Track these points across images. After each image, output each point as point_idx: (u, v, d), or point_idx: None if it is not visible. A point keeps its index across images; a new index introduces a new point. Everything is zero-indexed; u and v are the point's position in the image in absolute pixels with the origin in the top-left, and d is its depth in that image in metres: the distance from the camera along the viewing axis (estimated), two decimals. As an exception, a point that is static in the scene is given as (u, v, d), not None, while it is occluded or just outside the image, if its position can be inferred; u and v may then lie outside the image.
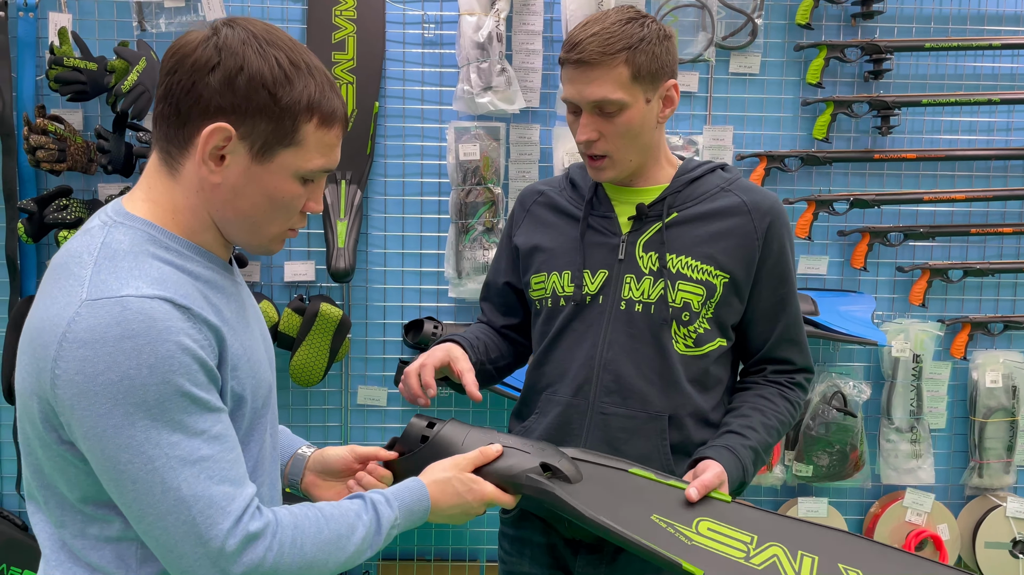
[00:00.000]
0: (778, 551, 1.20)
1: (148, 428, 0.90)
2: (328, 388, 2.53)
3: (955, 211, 2.53)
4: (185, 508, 0.92)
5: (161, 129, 0.99)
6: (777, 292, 1.43)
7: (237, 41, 0.96)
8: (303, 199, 1.04)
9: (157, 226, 0.99)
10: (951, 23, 2.48)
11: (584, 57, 1.33)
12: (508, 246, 1.58)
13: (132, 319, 0.90)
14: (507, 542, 1.56)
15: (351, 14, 2.39)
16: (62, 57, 2.17)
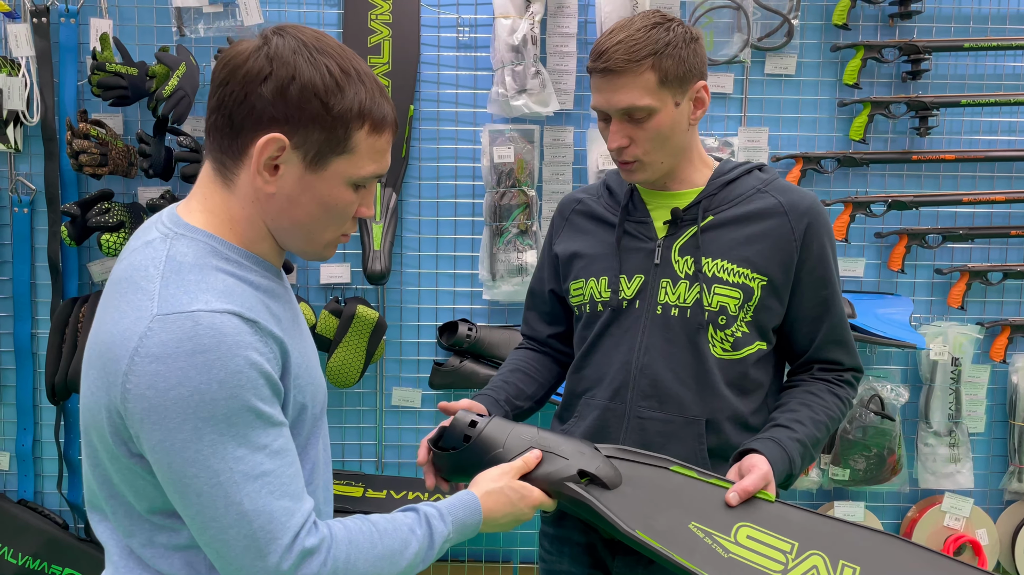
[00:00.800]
0: (818, 562, 1.18)
1: (215, 443, 0.91)
2: (363, 389, 2.54)
3: (995, 212, 2.50)
4: (247, 522, 0.92)
5: (215, 140, 1.00)
6: (819, 294, 1.42)
7: (288, 50, 0.96)
8: (355, 205, 1.04)
9: (217, 237, 1.00)
10: (990, 23, 2.45)
11: (610, 66, 1.34)
12: (549, 254, 1.59)
13: (203, 334, 0.91)
14: (547, 541, 1.57)
15: (387, 18, 2.40)
16: (104, 62, 2.21)
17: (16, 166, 2.44)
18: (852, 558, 1.18)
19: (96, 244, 2.38)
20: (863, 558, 1.18)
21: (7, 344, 2.49)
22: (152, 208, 2.26)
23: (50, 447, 2.50)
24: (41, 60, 2.35)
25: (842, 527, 1.23)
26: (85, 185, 2.46)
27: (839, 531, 1.23)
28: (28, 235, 2.44)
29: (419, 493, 2.46)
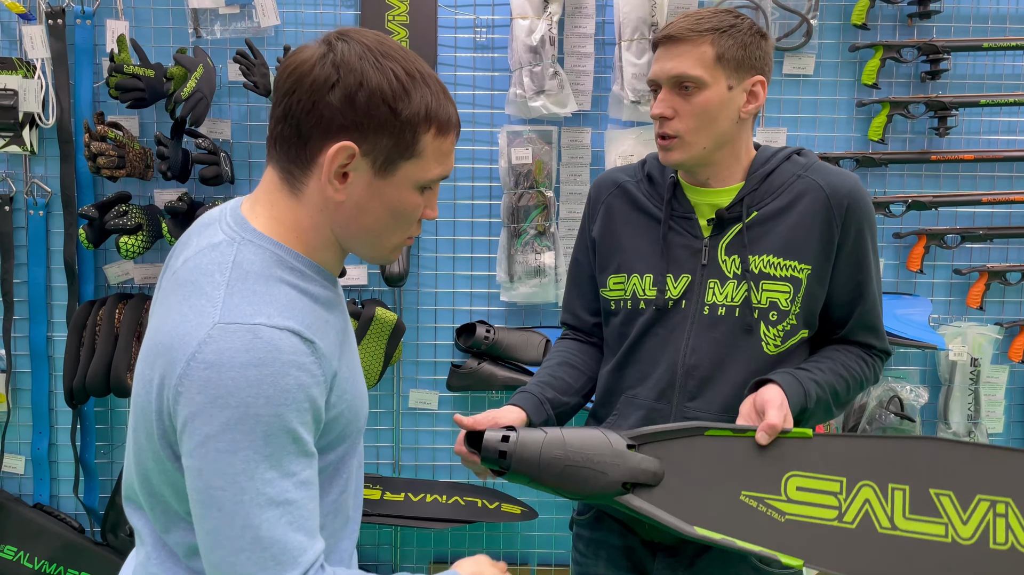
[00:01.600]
0: (869, 494, 1.19)
1: (249, 459, 0.90)
2: (379, 392, 2.53)
3: (1014, 212, 2.49)
4: (260, 549, 0.91)
5: (282, 149, 0.99)
6: (855, 278, 1.40)
7: (354, 56, 0.94)
8: (421, 208, 1.03)
9: (283, 246, 1.00)
10: (1009, 22, 2.44)
11: (671, 31, 1.35)
12: (588, 238, 1.55)
13: (261, 348, 0.90)
14: (582, 543, 1.56)
15: (404, 19, 2.40)
16: (122, 64, 2.19)
17: (31, 168, 2.43)
18: (900, 477, 1.19)
19: (112, 247, 2.38)
20: (911, 475, 1.19)
21: (23, 347, 2.47)
22: (170, 210, 2.25)
23: (66, 451, 2.49)
24: (57, 62, 2.34)
25: (882, 444, 1.23)
26: (101, 187, 2.45)
27: (884, 450, 1.22)
28: (44, 238, 2.43)
29: (437, 496, 2.46)
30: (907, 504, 1.18)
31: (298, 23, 2.42)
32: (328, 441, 1.02)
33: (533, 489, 1.28)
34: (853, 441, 1.24)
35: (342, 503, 1.10)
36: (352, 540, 1.15)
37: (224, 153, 2.31)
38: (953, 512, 1.18)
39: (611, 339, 1.51)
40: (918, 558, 1.17)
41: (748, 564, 1.42)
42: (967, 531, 1.17)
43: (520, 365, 2.44)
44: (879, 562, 1.17)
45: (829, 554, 1.17)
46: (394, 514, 2.41)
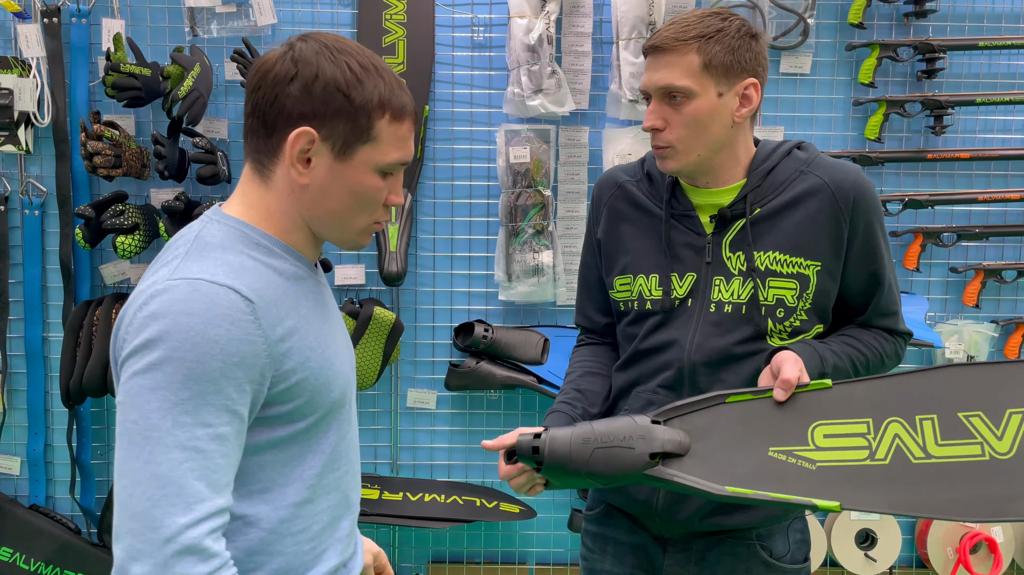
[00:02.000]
0: (897, 428, 1.18)
1: (165, 399, 0.94)
2: (377, 391, 2.53)
3: (1009, 211, 2.50)
4: (157, 486, 0.93)
5: (252, 142, 1.08)
6: (868, 268, 1.39)
7: (311, 52, 1.04)
8: (384, 192, 1.10)
9: (251, 225, 1.08)
10: (1004, 21, 2.45)
11: (657, 42, 1.33)
12: (594, 239, 1.54)
13: (197, 299, 0.96)
14: (590, 539, 1.56)
15: (401, 18, 2.39)
16: (118, 63, 2.18)
17: (27, 168, 2.42)
18: (926, 408, 1.18)
19: (109, 246, 2.37)
20: (936, 404, 1.18)
21: (18, 348, 2.46)
22: (167, 210, 2.24)
23: (62, 452, 2.48)
24: (52, 61, 2.33)
25: (902, 380, 1.22)
26: (96, 187, 2.43)
27: (907, 384, 1.21)
28: (39, 237, 2.42)
29: (435, 495, 2.45)
30: (937, 432, 1.17)
31: (295, 22, 2.42)
32: (293, 408, 1.05)
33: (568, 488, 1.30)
34: (873, 383, 1.22)
35: (335, 482, 1.14)
36: (351, 520, 1.20)
37: (221, 152, 2.31)
38: (986, 430, 1.16)
39: (621, 338, 1.51)
40: (958, 480, 1.15)
41: (759, 559, 1.42)
42: (1004, 446, 1.15)
43: (519, 364, 2.44)
44: (918, 491, 1.15)
45: (866, 493, 1.16)
46: (392, 514, 2.41)
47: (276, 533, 1.07)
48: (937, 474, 1.16)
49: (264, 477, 1.06)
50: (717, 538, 1.43)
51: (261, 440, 1.05)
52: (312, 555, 1.12)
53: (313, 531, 1.11)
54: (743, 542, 1.42)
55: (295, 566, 1.09)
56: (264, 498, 1.07)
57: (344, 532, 1.18)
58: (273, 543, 1.07)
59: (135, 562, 0.92)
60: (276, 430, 1.06)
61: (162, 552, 0.92)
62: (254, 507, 1.06)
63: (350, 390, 1.18)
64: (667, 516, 1.41)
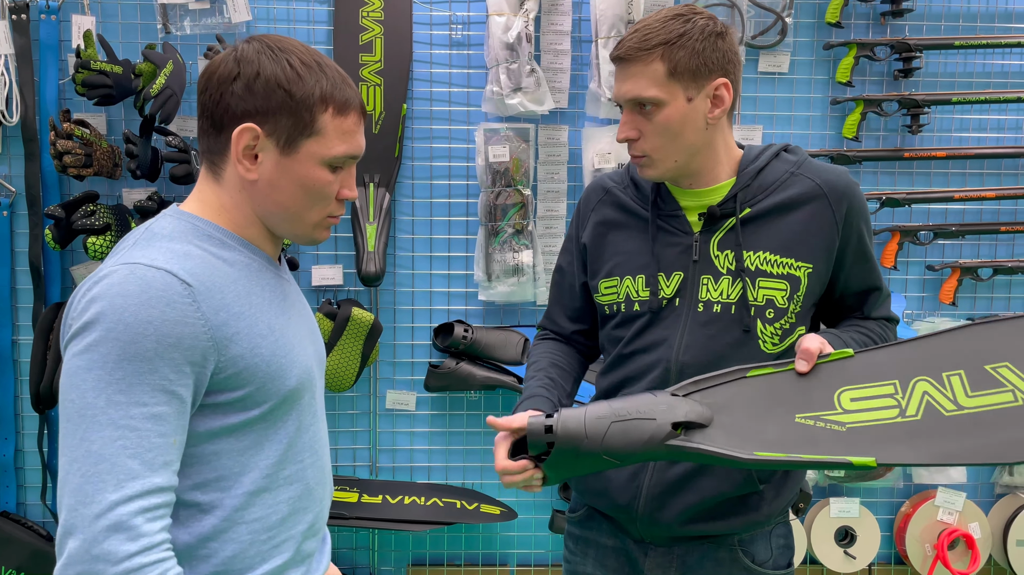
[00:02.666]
0: (926, 386, 1.17)
1: (100, 379, 0.96)
2: (356, 393, 2.50)
3: (984, 209, 2.52)
4: (91, 463, 0.94)
5: (203, 142, 1.12)
6: (862, 269, 1.39)
7: (252, 52, 1.08)
8: (335, 186, 1.13)
9: (203, 219, 1.11)
10: (979, 21, 2.47)
11: (621, 54, 1.31)
12: (577, 247, 1.52)
13: (132, 282, 0.99)
14: (572, 541, 1.54)
15: (378, 15, 2.36)
16: (88, 60, 2.14)
17: (-5, 167, 2.37)
18: (952, 365, 1.17)
19: (79, 247, 2.32)
20: (961, 360, 1.17)
21: (-13, 351, 2.41)
22: (139, 210, 2.20)
23: (32, 457, 2.43)
24: (21, 58, 2.28)
25: (926, 343, 1.20)
26: (67, 187, 2.39)
27: (929, 346, 1.20)
28: (8, 238, 2.37)
29: (415, 497, 2.43)
30: (967, 384, 1.15)
31: (270, 19, 2.38)
32: (244, 394, 1.06)
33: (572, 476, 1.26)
34: (895, 348, 1.21)
35: (297, 474, 1.15)
36: (315, 515, 1.19)
37: (195, 151, 2.27)
38: (1015, 378, 1.14)
39: (607, 342, 1.48)
40: (994, 427, 1.13)
41: (740, 564, 1.41)
42: None
43: (499, 364, 2.42)
44: (953, 442, 1.13)
45: (899, 448, 1.14)
46: (371, 516, 2.38)
47: (230, 521, 1.08)
48: (972, 424, 1.14)
49: (220, 465, 1.07)
50: (699, 543, 1.41)
51: (215, 427, 1.06)
52: (269, 545, 1.12)
53: (271, 521, 1.12)
54: (725, 547, 1.41)
55: (250, 554, 1.10)
56: (220, 486, 1.07)
57: (306, 525, 1.17)
58: (226, 530, 1.08)
59: (69, 536, 0.94)
60: (229, 417, 1.07)
61: (92, 528, 0.93)
62: (208, 494, 1.07)
63: (312, 383, 1.19)
64: (648, 520, 1.40)
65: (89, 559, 0.93)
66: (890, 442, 1.14)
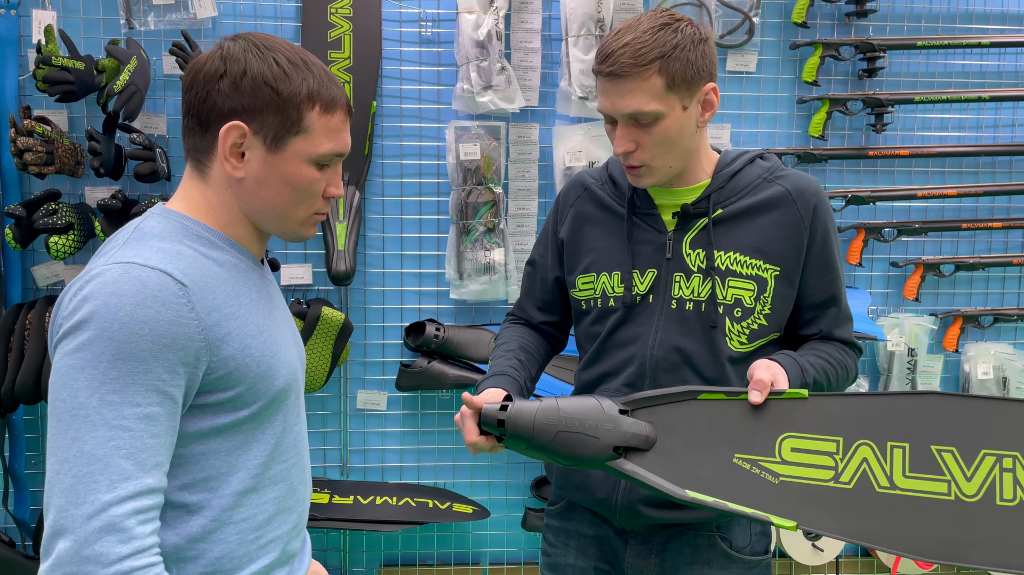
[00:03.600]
0: (867, 453, 1.15)
1: (93, 378, 0.95)
2: (326, 393, 2.48)
3: (946, 207, 2.57)
4: (83, 463, 0.94)
5: (189, 141, 1.12)
6: (824, 278, 1.41)
7: (239, 50, 1.08)
8: (321, 183, 1.13)
9: (191, 218, 1.10)
10: (941, 22, 2.52)
11: (616, 70, 1.30)
12: (554, 241, 1.54)
13: (127, 282, 0.98)
14: (552, 534, 1.55)
15: (347, 12, 2.35)
16: (50, 56, 2.09)
17: (-48, 165, 2.30)
18: (900, 435, 1.15)
19: (41, 247, 2.27)
20: (910, 433, 1.15)
21: (-56, 354, 2.34)
22: (103, 209, 2.16)
23: (-7, 462, 2.38)
24: (-22, 53, 2.22)
25: (881, 401, 1.18)
26: (28, 185, 2.33)
27: (882, 406, 1.17)
28: (-34, 238, 2.31)
29: (387, 498, 2.42)
30: (907, 462, 1.14)
31: (236, 15, 2.35)
32: (234, 395, 1.06)
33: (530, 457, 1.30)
34: (851, 399, 1.19)
35: (282, 473, 1.15)
36: (298, 514, 1.21)
37: (160, 149, 2.23)
38: (956, 468, 1.12)
39: (583, 338, 1.50)
40: (920, 517, 1.11)
41: (719, 550, 1.43)
42: (971, 488, 1.12)
43: (471, 363, 2.41)
44: (877, 522, 1.12)
45: (824, 515, 1.13)
46: (343, 517, 2.37)
47: (219, 521, 1.08)
48: (899, 507, 1.13)
49: (208, 465, 1.07)
50: (678, 530, 1.43)
51: (204, 427, 1.05)
52: (256, 545, 1.12)
53: (258, 521, 1.12)
54: (703, 534, 1.43)
55: (238, 555, 1.10)
56: (208, 486, 1.07)
57: (290, 525, 1.18)
58: (215, 531, 1.08)
59: (59, 537, 0.93)
60: (219, 417, 1.06)
61: (84, 528, 0.93)
62: (197, 495, 1.06)
63: (297, 383, 1.20)
64: (628, 510, 1.42)
65: (79, 560, 0.92)
66: (817, 506, 1.14)
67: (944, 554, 1.11)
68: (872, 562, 2.65)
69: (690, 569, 1.43)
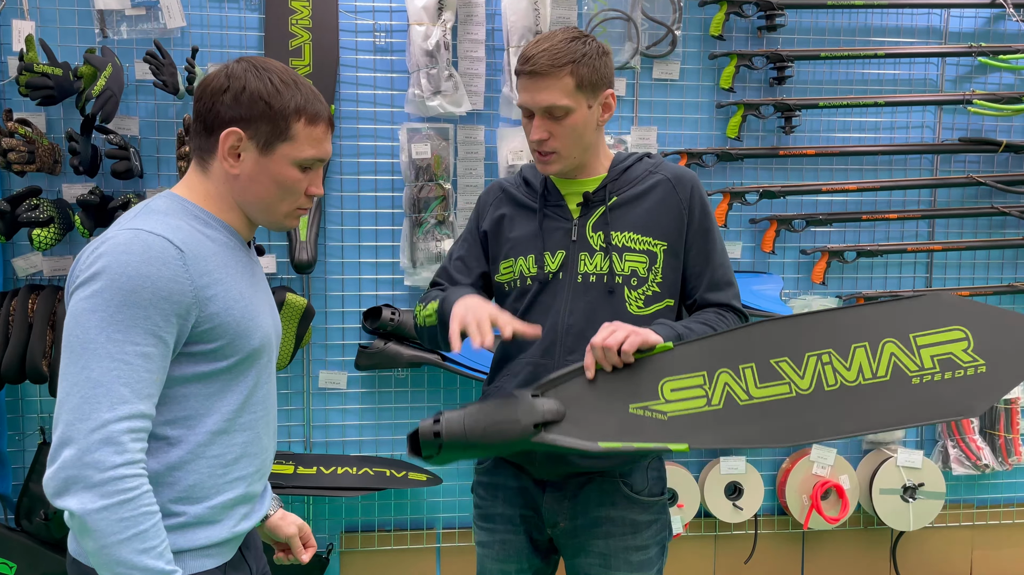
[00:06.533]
0: (727, 377, 1.46)
1: (103, 319, 1.16)
2: (289, 373, 2.69)
3: (848, 200, 2.88)
4: (90, 386, 1.14)
5: (195, 141, 1.34)
6: (703, 247, 1.68)
7: (240, 70, 1.30)
8: (304, 183, 1.34)
9: (192, 202, 1.33)
10: (843, 35, 2.82)
11: (536, 69, 1.58)
12: (476, 235, 1.79)
13: (134, 242, 1.19)
14: (482, 488, 1.79)
15: (306, 23, 2.55)
16: (31, 63, 2.27)
17: (-66, 164, 2.45)
18: (745, 358, 1.46)
19: (20, 240, 2.44)
20: (752, 353, 1.46)
21: (-72, 341, 2.49)
22: (82, 204, 2.34)
23: (-24, 441, 2.53)
24: (-40, 59, 2.38)
25: (727, 336, 1.49)
26: (7, 183, 2.50)
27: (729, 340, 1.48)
28: (-51, 232, 2.46)
29: (348, 468, 2.63)
30: (756, 376, 1.45)
31: (204, 25, 2.54)
32: (216, 347, 1.26)
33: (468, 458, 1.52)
34: (704, 341, 1.50)
35: (251, 422, 1.34)
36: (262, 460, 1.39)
37: (133, 148, 2.42)
38: (791, 371, 1.44)
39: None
40: (775, 415, 1.43)
41: (622, 493, 1.68)
42: (805, 383, 1.43)
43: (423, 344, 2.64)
44: (747, 428, 1.43)
45: (706, 434, 1.43)
46: (307, 486, 2.57)
47: (193, 454, 1.27)
48: (759, 412, 1.44)
49: (188, 406, 1.26)
50: (587, 478, 1.69)
51: (188, 373, 1.25)
52: (224, 480, 1.30)
53: (226, 459, 1.31)
54: (608, 479, 1.68)
55: (207, 486, 1.28)
56: (187, 423, 1.26)
57: (254, 468, 1.36)
58: (190, 462, 1.26)
59: (65, 446, 1.13)
60: (201, 365, 1.26)
61: (87, 439, 1.13)
62: (177, 430, 1.26)
63: (271, 347, 1.39)
64: (546, 462, 1.67)
65: (80, 465, 1.13)
66: (701, 429, 1.44)
67: (795, 438, 1.42)
68: (787, 518, 2.95)
69: (598, 510, 1.68)
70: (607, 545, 1.68)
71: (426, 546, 2.79)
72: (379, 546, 2.77)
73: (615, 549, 1.67)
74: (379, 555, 2.78)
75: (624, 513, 1.68)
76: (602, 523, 1.68)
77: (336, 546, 2.75)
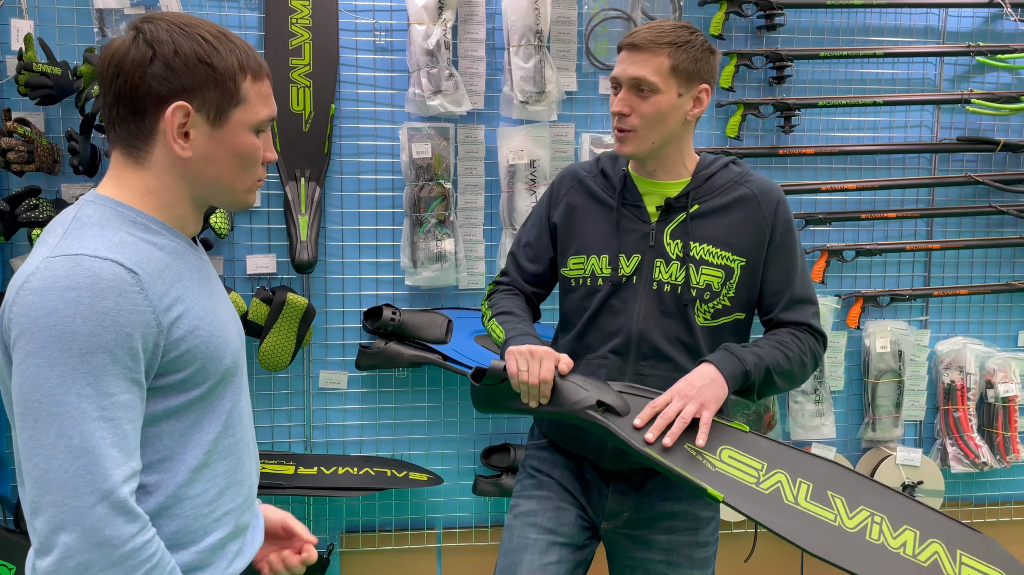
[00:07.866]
0: (781, 478, 1.50)
1: (65, 375, 0.96)
2: (290, 373, 2.68)
3: (848, 199, 2.88)
4: (73, 457, 0.96)
5: (121, 130, 1.10)
6: (783, 266, 1.67)
7: (162, 31, 1.07)
8: (261, 150, 1.17)
9: (127, 205, 1.11)
10: (842, 34, 2.83)
11: (635, 42, 1.59)
12: (547, 224, 1.77)
13: (81, 274, 0.98)
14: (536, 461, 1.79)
15: (307, 22, 2.55)
16: (30, 63, 2.26)
17: (-68, 164, 2.44)
18: (807, 477, 1.51)
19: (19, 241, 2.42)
20: (815, 478, 1.52)
21: (-74, 342, 2.47)
22: (82, 204, 2.33)
23: (-26, 443, 2.52)
24: (-42, 59, 2.37)
25: (800, 455, 1.55)
26: (5, 182, 2.48)
27: (798, 457, 1.55)
28: (-53, 232, 2.45)
29: (349, 468, 2.63)
30: (809, 493, 1.50)
31: (203, 24, 2.53)
32: (186, 376, 1.09)
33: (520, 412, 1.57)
34: (777, 445, 1.55)
35: (231, 447, 1.19)
36: (248, 487, 1.25)
37: (134, 148, 2.40)
38: (842, 508, 1.49)
39: (571, 312, 1.74)
40: (812, 527, 1.47)
41: (686, 492, 1.69)
42: (851, 523, 1.48)
43: (425, 343, 2.64)
44: (780, 520, 1.46)
45: (744, 502, 1.47)
46: (307, 486, 2.57)
47: (174, 497, 1.11)
48: (799, 517, 1.49)
49: (162, 446, 1.09)
50: (653, 471, 1.68)
51: (158, 410, 1.08)
52: (210, 519, 1.15)
53: (210, 495, 1.15)
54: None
55: (193, 529, 1.13)
56: (163, 467, 1.10)
57: (241, 498, 1.22)
58: (170, 507, 1.11)
59: (61, 532, 0.96)
60: (171, 399, 1.09)
61: (91, 516, 0.96)
62: (151, 476, 1.09)
63: (241, 360, 1.23)
64: (616, 455, 1.67)
65: (92, 547, 0.96)
66: (741, 495, 1.49)
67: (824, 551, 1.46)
68: (787, 518, 2.96)
69: (663, 504, 1.70)
70: (670, 540, 1.70)
71: (427, 546, 2.79)
72: (380, 546, 2.77)
73: (678, 544, 1.70)
74: (380, 555, 2.77)
75: (687, 507, 1.70)
76: (665, 517, 1.70)
77: (336, 546, 2.75)
